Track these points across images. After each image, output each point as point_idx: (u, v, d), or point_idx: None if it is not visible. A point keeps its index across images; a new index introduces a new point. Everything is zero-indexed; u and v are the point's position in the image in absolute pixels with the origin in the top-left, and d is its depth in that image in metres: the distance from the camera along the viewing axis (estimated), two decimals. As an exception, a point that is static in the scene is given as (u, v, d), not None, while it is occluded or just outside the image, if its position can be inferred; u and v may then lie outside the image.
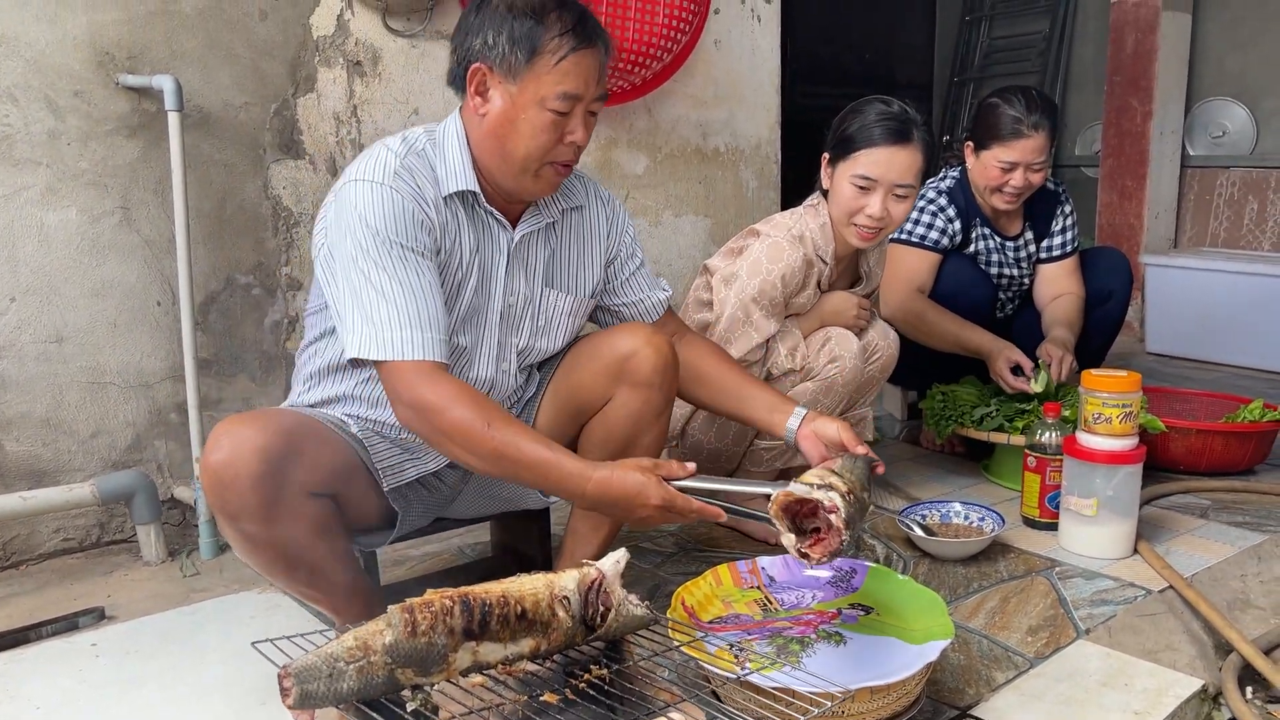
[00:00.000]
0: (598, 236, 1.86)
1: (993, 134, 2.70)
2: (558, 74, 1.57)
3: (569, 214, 1.83)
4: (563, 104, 1.59)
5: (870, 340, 2.36)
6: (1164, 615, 1.94)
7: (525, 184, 1.66)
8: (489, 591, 1.27)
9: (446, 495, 1.89)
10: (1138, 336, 4.67)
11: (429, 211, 1.60)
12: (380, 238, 1.54)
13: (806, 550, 1.42)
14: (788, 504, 1.45)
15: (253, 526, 1.50)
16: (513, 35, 1.57)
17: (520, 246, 1.75)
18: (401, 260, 1.55)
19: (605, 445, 1.80)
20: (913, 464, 2.92)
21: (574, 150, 1.65)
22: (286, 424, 1.55)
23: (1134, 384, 2.13)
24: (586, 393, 1.82)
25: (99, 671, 1.78)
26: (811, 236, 2.25)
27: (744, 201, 3.62)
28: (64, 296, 2.24)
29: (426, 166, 1.64)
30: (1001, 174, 2.71)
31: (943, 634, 1.59)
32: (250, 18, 2.42)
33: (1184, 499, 2.58)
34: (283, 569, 1.58)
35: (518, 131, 1.60)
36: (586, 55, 1.59)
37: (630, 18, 2.98)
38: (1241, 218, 4.63)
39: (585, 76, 1.60)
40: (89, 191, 2.24)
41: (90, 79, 2.22)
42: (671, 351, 1.82)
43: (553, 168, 1.65)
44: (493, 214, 1.71)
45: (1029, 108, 2.65)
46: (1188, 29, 4.67)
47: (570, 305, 1.84)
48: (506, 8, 1.59)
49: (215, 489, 1.48)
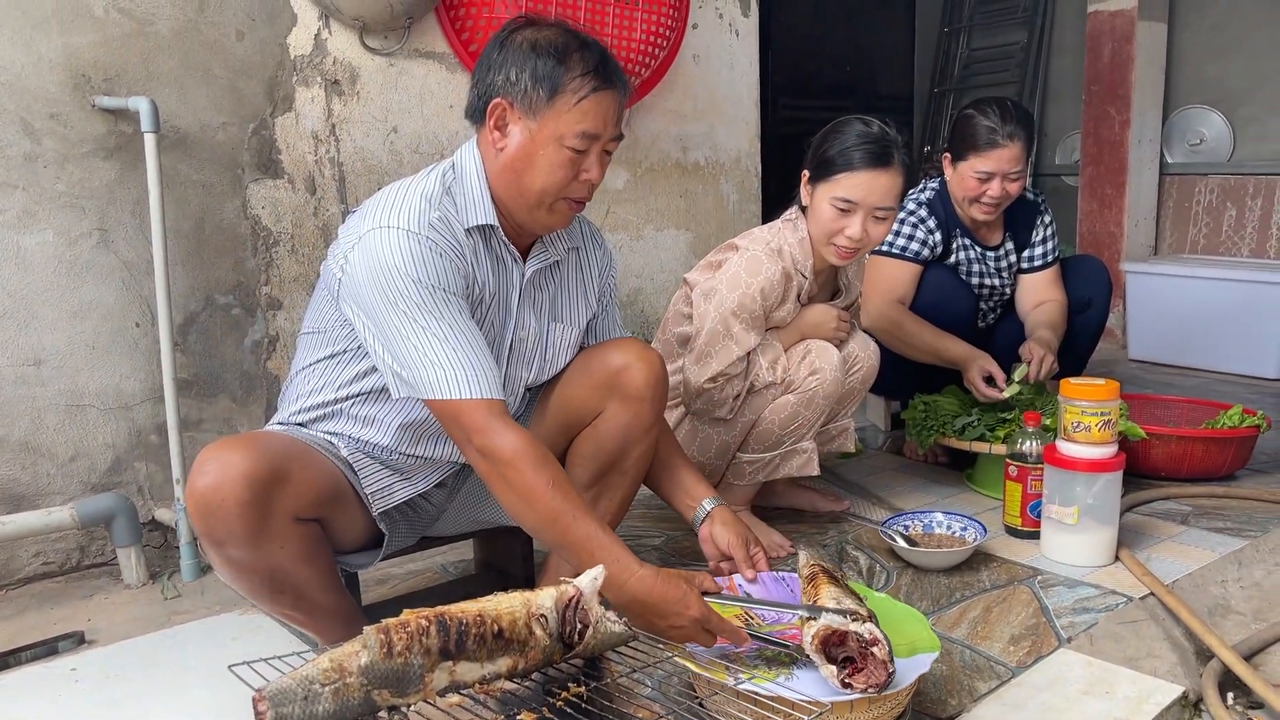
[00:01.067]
0: (592, 276, 1.90)
1: (969, 144, 2.72)
2: (578, 113, 1.60)
3: (570, 253, 1.86)
4: (581, 142, 1.62)
5: (851, 352, 2.37)
6: (1145, 622, 1.94)
7: (540, 217, 1.68)
8: (465, 611, 1.26)
9: (431, 515, 1.89)
10: (1120, 343, 4.70)
11: (464, 255, 1.63)
12: (424, 285, 1.55)
13: (849, 681, 1.42)
14: (827, 638, 1.45)
15: (238, 552, 1.49)
16: (535, 73, 1.60)
17: (531, 281, 1.78)
18: (446, 304, 1.57)
19: (595, 459, 1.81)
20: (896, 474, 2.93)
21: (589, 188, 1.68)
22: (273, 448, 1.54)
23: (1112, 392, 2.15)
24: (577, 406, 1.83)
25: (79, 696, 1.76)
26: (790, 250, 2.26)
27: (725, 215, 3.63)
28: (42, 319, 2.23)
29: (454, 205, 1.66)
30: (978, 184, 2.73)
31: (928, 646, 1.60)
32: (227, 38, 2.43)
33: (1165, 505, 2.59)
34: (268, 593, 1.58)
35: (535, 167, 1.63)
36: (606, 96, 1.63)
37: (608, 33, 2.99)
38: (1220, 224, 4.67)
39: (604, 117, 1.63)
40: (66, 214, 2.24)
41: (66, 101, 2.22)
42: (663, 367, 1.83)
43: (567, 203, 1.68)
44: (508, 248, 1.73)
45: (1003, 118, 2.68)
46: (1164, 38, 4.71)
47: (572, 337, 1.87)
48: (530, 46, 1.62)
49: (201, 515, 1.47)
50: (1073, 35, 5.18)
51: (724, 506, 1.85)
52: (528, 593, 1.35)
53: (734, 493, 2.37)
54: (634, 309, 3.40)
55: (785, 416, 2.25)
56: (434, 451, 1.78)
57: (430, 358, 1.54)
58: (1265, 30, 4.50)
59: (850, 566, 2.25)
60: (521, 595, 1.34)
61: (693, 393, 2.23)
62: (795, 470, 2.32)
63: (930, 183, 2.92)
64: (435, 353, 1.54)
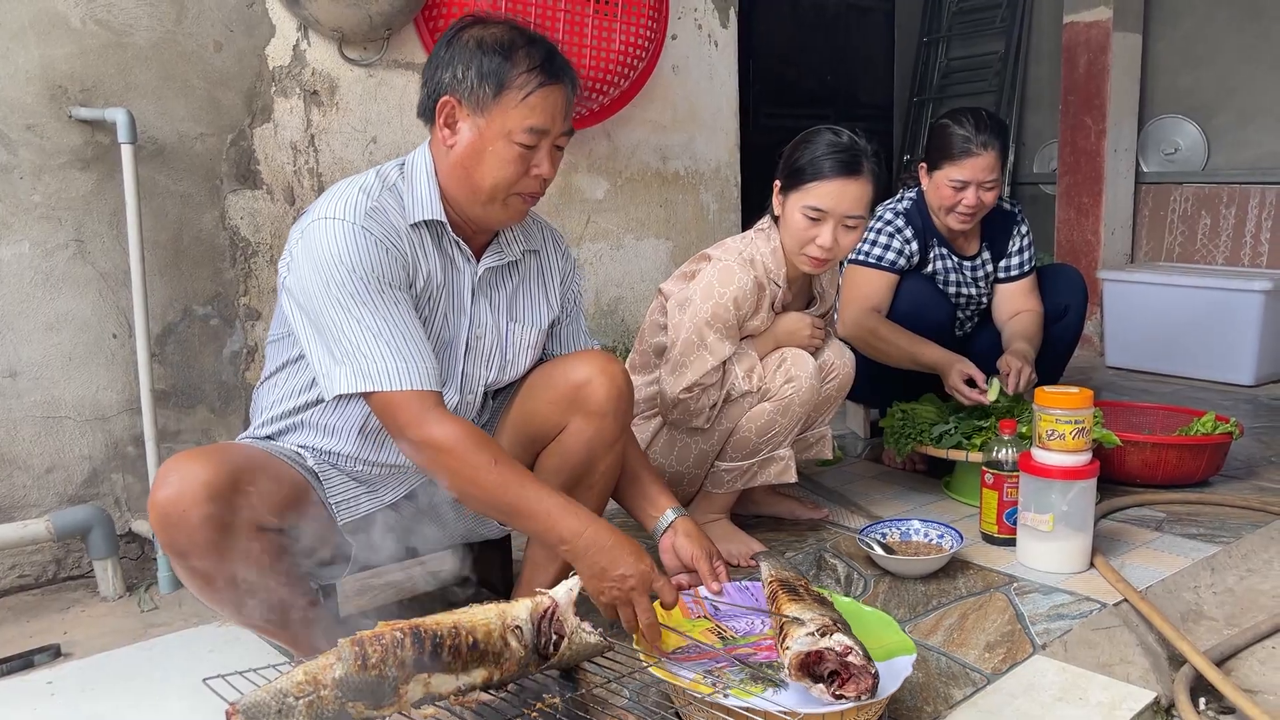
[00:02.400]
0: (553, 280, 1.91)
1: (944, 154, 2.75)
2: (525, 109, 1.61)
3: (528, 255, 1.87)
4: (529, 138, 1.62)
5: (826, 360, 2.39)
6: (1119, 629, 1.96)
7: (493, 213, 1.69)
8: (440, 623, 1.27)
9: (406, 527, 1.88)
10: (1097, 351, 4.74)
11: (402, 246, 1.63)
12: (357, 274, 1.56)
13: (841, 693, 1.43)
14: (804, 662, 1.45)
15: (202, 563, 1.49)
16: (481, 70, 1.61)
17: (484, 280, 1.78)
18: (380, 294, 1.57)
19: (559, 473, 1.80)
20: (875, 482, 2.95)
21: (540, 183, 1.68)
22: (235, 458, 1.54)
23: (1086, 400, 2.17)
24: (540, 420, 1.83)
25: (55, 710, 1.76)
26: (762, 260, 2.27)
27: (705, 224, 3.64)
28: (17, 331, 2.22)
29: (397, 199, 1.66)
30: (954, 193, 2.76)
31: (904, 650, 1.61)
32: (205, 49, 2.43)
33: (1139, 512, 2.61)
34: (235, 604, 1.57)
35: (485, 163, 1.64)
36: (553, 91, 1.63)
37: (587, 44, 3.01)
38: (1195, 232, 4.72)
39: (551, 112, 1.63)
40: (42, 225, 2.23)
41: (43, 112, 2.21)
42: (626, 380, 1.82)
43: (520, 198, 1.68)
44: (458, 245, 1.73)
45: (978, 127, 2.71)
46: (1138, 48, 4.76)
47: (532, 337, 1.86)
48: (476, 43, 1.63)
49: (163, 527, 1.47)
50: (1050, 45, 5.23)
51: (687, 518, 1.86)
52: (503, 604, 1.36)
53: (713, 501, 2.38)
54: (614, 318, 3.41)
55: (762, 424, 2.26)
56: (397, 458, 1.77)
57: (364, 349, 1.54)
58: (1238, 40, 4.55)
59: (828, 574, 2.26)
60: (497, 607, 1.34)
61: (669, 403, 2.24)
62: (773, 477, 2.33)
63: (908, 193, 2.94)
64: (369, 345, 1.54)
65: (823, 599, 1.65)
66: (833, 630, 1.45)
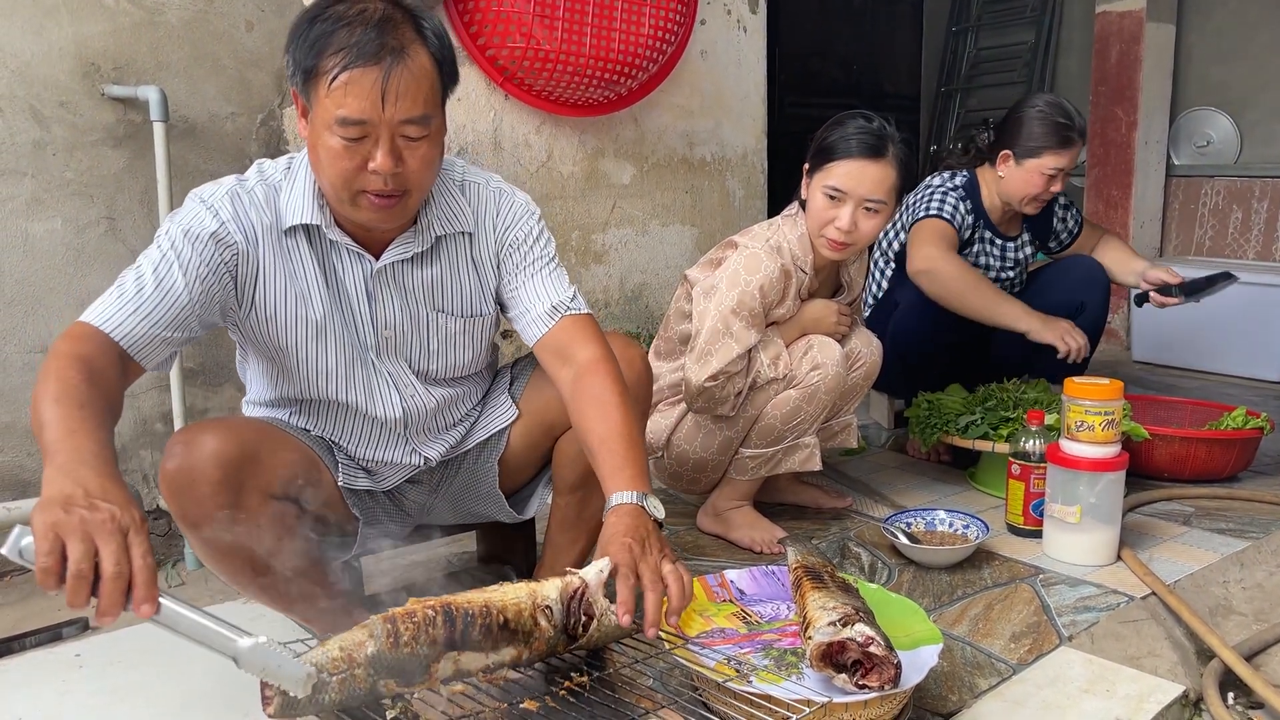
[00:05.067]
0: (486, 256, 1.72)
1: (1044, 142, 2.76)
2: (335, 97, 1.41)
3: (451, 240, 1.69)
4: (345, 129, 1.42)
5: (853, 348, 2.37)
6: (1146, 622, 1.95)
7: (348, 212, 1.53)
8: (471, 602, 1.27)
9: (416, 508, 1.89)
10: (1123, 345, 4.70)
11: (234, 235, 1.52)
12: (171, 232, 1.49)
13: (864, 683, 1.42)
14: (826, 652, 1.43)
15: (214, 533, 1.49)
16: (295, 56, 1.45)
17: (386, 275, 1.64)
18: (175, 251, 1.47)
19: (579, 460, 1.73)
20: (899, 472, 2.93)
21: (382, 179, 1.46)
22: (243, 429, 1.55)
23: (1116, 391, 2.15)
24: (557, 407, 1.72)
25: (82, 682, 1.77)
26: (789, 247, 2.26)
27: (731, 211, 3.63)
28: (48, 307, 2.24)
29: (271, 198, 1.56)
30: (1045, 181, 2.79)
31: (930, 639, 1.60)
32: (236, 29, 2.43)
33: (1167, 506, 2.59)
34: (249, 576, 1.56)
35: (319, 159, 1.48)
36: (367, 73, 1.40)
37: (616, 28, 2.99)
38: (1226, 227, 4.66)
39: (366, 97, 1.40)
40: (74, 201, 2.24)
41: (76, 89, 2.22)
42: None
43: (366, 197, 1.48)
44: (343, 245, 1.60)
45: (1072, 117, 2.77)
46: (1172, 39, 4.70)
47: (467, 327, 1.74)
48: (301, 21, 1.47)
49: (173, 497, 1.47)
50: (1081, 35, 5.18)
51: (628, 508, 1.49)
52: (533, 584, 1.36)
53: (736, 488, 2.38)
54: (638, 304, 3.41)
55: (787, 411, 2.25)
56: (387, 455, 1.77)
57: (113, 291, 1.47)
58: (1272, 33, 4.49)
59: (852, 563, 2.26)
60: (527, 586, 1.34)
61: (694, 391, 2.23)
62: (798, 465, 2.32)
63: (957, 175, 2.94)
64: (120, 282, 1.47)
65: (847, 585, 1.64)
66: (855, 620, 1.45)
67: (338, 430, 1.74)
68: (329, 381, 1.67)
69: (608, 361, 1.64)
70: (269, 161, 1.62)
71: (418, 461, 1.80)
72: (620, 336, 1.82)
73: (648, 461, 1.86)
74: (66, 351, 1.35)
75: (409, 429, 1.76)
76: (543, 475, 1.93)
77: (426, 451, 1.80)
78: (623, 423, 1.55)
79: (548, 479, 1.91)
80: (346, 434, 1.74)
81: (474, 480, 1.88)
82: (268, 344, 1.63)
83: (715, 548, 2.37)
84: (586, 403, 1.58)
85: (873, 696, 1.42)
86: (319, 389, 1.67)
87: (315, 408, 1.72)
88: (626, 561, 1.36)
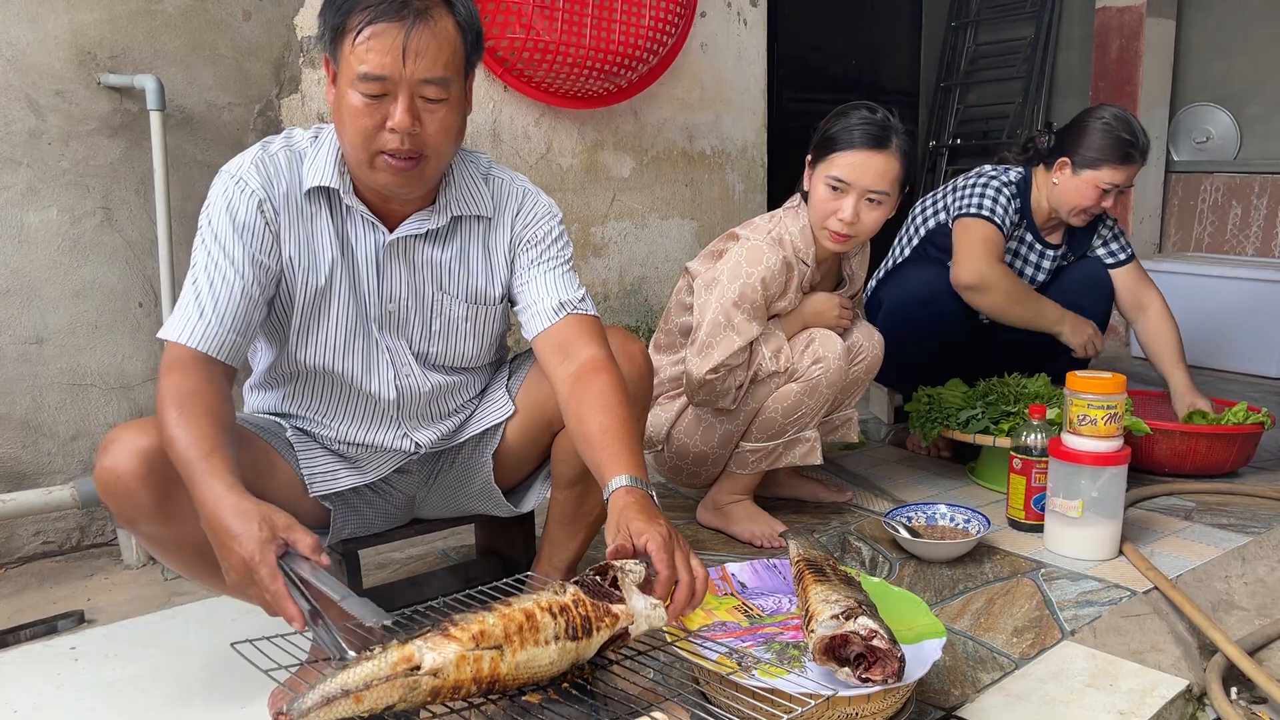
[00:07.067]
0: (499, 251, 1.73)
1: (1104, 155, 2.69)
2: (359, 52, 1.45)
3: (468, 222, 1.70)
4: (366, 85, 1.45)
5: (855, 341, 2.36)
6: (1149, 616, 1.94)
7: (366, 175, 1.54)
8: (499, 674, 1.18)
9: (403, 501, 1.86)
10: (1123, 341, 4.69)
11: (269, 206, 1.55)
12: (212, 225, 1.53)
13: (867, 676, 1.41)
14: (829, 646, 1.43)
15: (152, 528, 1.47)
16: (326, 15, 1.50)
17: (397, 248, 1.64)
18: (220, 246, 1.52)
19: (578, 456, 1.68)
20: (899, 467, 2.92)
21: (400, 138, 1.48)
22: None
23: (1119, 386, 2.14)
24: (556, 403, 1.69)
25: (78, 675, 1.76)
26: (791, 239, 2.25)
27: (730, 204, 3.62)
28: (44, 298, 2.22)
29: (294, 162, 1.59)
30: (1099, 195, 2.72)
31: (933, 633, 1.60)
32: (234, 18, 2.41)
33: (1169, 501, 2.58)
34: (205, 570, 1.51)
35: (341, 118, 1.51)
36: (389, 29, 1.43)
37: (616, 20, 2.98)
38: (1225, 223, 4.66)
39: (388, 53, 1.44)
40: (70, 191, 2.23)
41: (72, 78, 2.21)
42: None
43: (384, 159, 1.50)
44: (360, 212, 1.61)
45: (1136, 134, 2.70)
46: (1171, 35, 4.69)
47: (471, 314, 1.73)
48: None
49: (106, 495, 1.46)
50: (1080, 30, 5.16)
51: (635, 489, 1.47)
52: (583, 642, 1.25)
53: (736, 481, 2.36)
54: (638, 298, 3.39)
55: (789, 405, 2.24)
56: (376, 438, 1.74)
57: (183, 298, 1.52)
58: (1272, 29, 4.48)
59: (853, 557, 2.25)
60: (575, 648, 1.24)
61: (695, 384, 2.22)
62: (798, 459, 2.31)
63: (1010, 170, 2.87)
64: (187, 294, 1.52)
65: (849, 579, 1.63)
66: (858, 613, 1.43)
67: (328, 409, 1.71)
68: (326, 349, 1.65)
69: (611, 364, 1.63)
70: (299, 129, 1.64)
71: (408, 447, 1.76)
72: (620, 331, 1.80)
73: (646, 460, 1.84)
74: (175, 391, 1.43)
75: (401, 411, 1.73)
76: (541, 470, 1.91)
77: (417, 436, 1.76)
78: (625, 419, 1.54)
79: (546, 474, 1.90)
80: (337, 413, 1.71)
81: (468, 474, 1.87)
82: (274, 304, 1.62)
83: (715, 541, 2.36)
84: (587, 396, 1.57)
85: (876, 690, 1.41)
86: (316, 357, 1.65)
87: (308, 383, 1.69)
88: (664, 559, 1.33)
